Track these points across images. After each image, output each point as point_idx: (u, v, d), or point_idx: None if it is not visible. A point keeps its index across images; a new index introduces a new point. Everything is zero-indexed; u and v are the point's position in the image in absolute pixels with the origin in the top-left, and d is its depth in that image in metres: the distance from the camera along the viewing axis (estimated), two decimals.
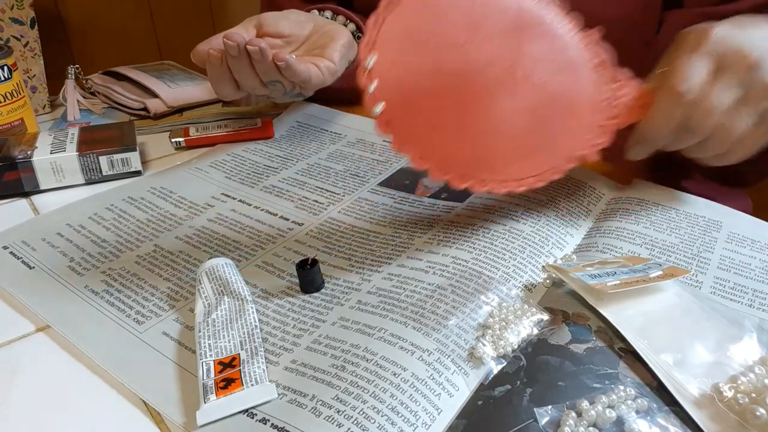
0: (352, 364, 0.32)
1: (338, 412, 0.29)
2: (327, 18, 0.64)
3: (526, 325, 0.34)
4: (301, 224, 0.47)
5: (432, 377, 0.31)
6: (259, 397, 0.30)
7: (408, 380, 0.31)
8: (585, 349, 0.33)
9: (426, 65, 0.37)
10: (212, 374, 0.31)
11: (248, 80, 0.53)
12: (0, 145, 0.54)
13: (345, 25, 0.63)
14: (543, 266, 0.40)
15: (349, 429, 0.28)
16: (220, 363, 0.32)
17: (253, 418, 0.29)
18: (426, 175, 0.38)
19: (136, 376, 0.32)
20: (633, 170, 0.53)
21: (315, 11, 0.64)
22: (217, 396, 0.30)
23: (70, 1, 0.94)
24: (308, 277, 0.38)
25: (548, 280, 0.39)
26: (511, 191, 0.40)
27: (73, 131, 0.57)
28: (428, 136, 0.38)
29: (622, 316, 0.34)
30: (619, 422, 0.28)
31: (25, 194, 0.53)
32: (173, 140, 0.61)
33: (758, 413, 0.28)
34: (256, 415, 0.29)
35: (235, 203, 0.50)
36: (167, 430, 0.30)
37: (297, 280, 0.39)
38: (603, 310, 0.35)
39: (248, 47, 0.50)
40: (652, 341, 0.33)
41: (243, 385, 0.31)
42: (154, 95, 0.69)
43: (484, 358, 0.32)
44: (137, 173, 0.55)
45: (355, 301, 0.37)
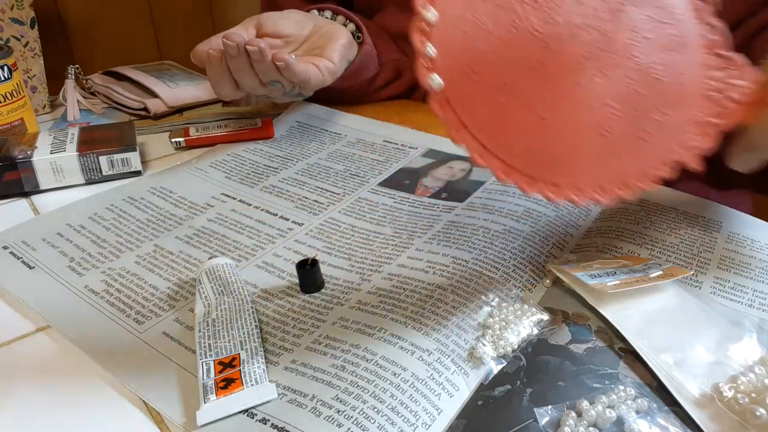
0: (352, 364, 0.32)
1: (338, 412, 0.29)
2: (327, 18, 0.64)
3: (526, 325, 0.34)
4: (301, 224, 0.47)
5: (432, 377, 0.31)
6: (259, 397, 0.30)
7: (408, 380, 0.31)
8: (585, 349, 0.33)
9: (502, 24, 0.30)
10: (212, 374, 0.31)
11: (248, 80, 0.53)
12: (0, 145, 0.54)
13: (345, 25, 0.63)
14: (543, 266, 0.40)
15: (349, 429, 0.28)
16: (220, 363, 0.32)
17: (253, 418, 0.29)
18: (423, 173, 0.34)
19: (136, 376, 0.32)
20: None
21: (315, 11, 0.64)
22: (217, 396, 0.30)
23: (70, 1, 0.94)
24: (308, 277, 0.38)
25: (548, 280, 0.39)
26: (594, 201, 0.32)
27: (73, 131, 0.57)
28: (496, 121, 0.30)
29: (622, 316, 0.34)
30: (619, 422, 0.28)
31: (25, 194, 0.53)
32: (173, 140, 0.61)
33: (758, 413, 0.28)
34: (256, 415, 0.29)
35: (235, 203, 0.50)
36: (167, 430, 0.30)
37: (297, 280, 0.39)
38: (603, 310, 0.35)
39: (248, 47, 0.50)
40: (652, 341, 0.33)
41: (243, 385, 0.31)
42: (154, 95, 0.69)
43: (484, 358, 0.32)
44: (137, 173, 0.55)
45: (355, 301, 0.37)
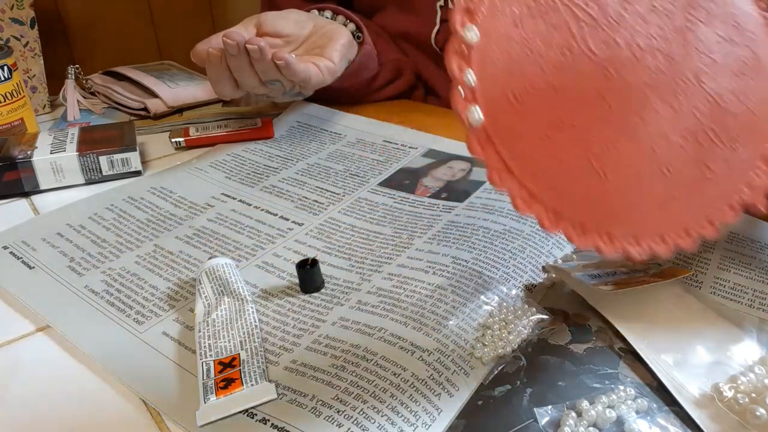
0: (352, 364, 0.32)
1: (338, 412, 0.29)
2: (327, 18, 0.64)
3: (526, 325, 0.34)
4: (301, 224, 0.47)
5: (432, 377, 0.31)
6: (259, 397, 0.30)
7: (408, 380, 0.31)
8: (585, 349, 0.33)
9: (555, 46, 0.26)
10: (212, 374, 0.31)
11: (248, 79, 0.53)
12: (0, 145, 0.54)
13: (345, 25, 0.63)
14: (543, 266, 0.40)
15: (349, 429, 0.28)
16: (220, 363, 0.32)
17: (253, 418, 0.29)
18: (423, 173, 0.31)
19: (136, 376, 0.32)
20: None
21: (315, 11, 0.64)
22: (217, 396, 0.30)
23: (70, 1, 0.94)
24: (308, 277, 0.38)
25: (548, 280, 0.39)
26: (651, 253, 0.28)
27: (73, 131, 0.57)
28: (545, 161, 0.26)
29: (622, 316, 0.34)
30: (619, 422, 0.28)
31: (25, 194, 0.53)
32: (173, 140, 0.61)
33: (758, 413, 0.28)
34: (256, 415, 0.29)
35: (235, 203, 0.50)
36: (167, 430, 0.30)
37: (297, 280, 0.39)
38: (603, 311, 0.35)
39: (248, 46, 0.50)
40: (652, 341, 0.33)
41: (243, 385, 0.31)
42: (154, 95, 0.69)
43: (484, 358, 0.32)
44: (137, 173, 0.55)
45: (355, 301, 0.37)
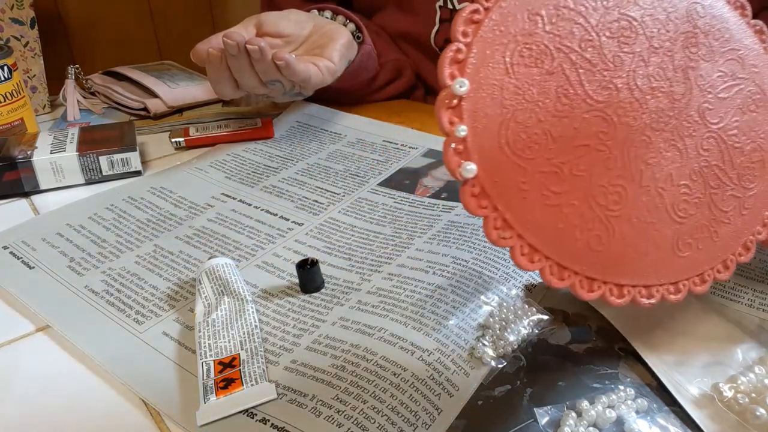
0: (352, 364, 0.32)
1: (338, 412, 0.29)
2: (327, 18, 0.64)
3: (526, 325, 0.34)
4: (301, 224, 0.47)
5: (432, 377, 0.31)
6: (259, 397, 0.30)
7: (408, 380, 0.31)
8: (585, 349, 0.33)
9: (550, 93, 0.25)
10: (212, 374, 0.31)
11: (248, 80, 0.53)
12: (0, 145, 0.54)
13: (345, 25, 0.63)
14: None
15: (349, 429, 0.28)
16: (220, 363, 0.32)
17: (253, 418, 0.29)
18: (423, 173, 0.31)
19: (136, 376, 0.32)
20: None
21: (315, 11, 0.64)
22: (217, 396, 0.30)
23: (70, 1, 0.94)
24: (308, 277, 0.38)
25: None
26: (663, 300, 0.28)
27: (73, 131, 0.57)
28: (546, 214, 0.25)
29: (622, 316, 0.34)
30: (619, 422, 0.28)
31: (25, 194, 0.53)
32: (173, 140, 0.61)
33: (758, 413, 0.28)
34: (256, 415, 0.29)
35: (235, 203, 0.50)
36: (167, 430, 0.30)
37: (297, 280, 0.39)
38: (603, 311, 0.35)
39: (248, 46, 0.50)
40: (652, 341, 0.33)
41: (243, 385, 0.31)
42: (154, 95, 0.69)
43: (484, 358, 0.32)
44: (137, 173, 0.55)
45: (355, 301, 0.37)
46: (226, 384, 0.31)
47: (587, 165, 0.25)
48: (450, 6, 0.65)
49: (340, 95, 0.68)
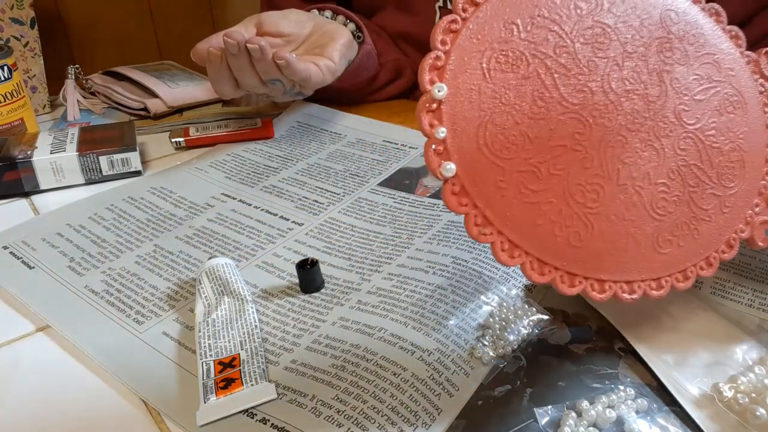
0: (352, 364, 0.32)
1: (338, 412, 0.29)
2: (327, 18, 0.64)
3: (526, 325, 0.34)
4: (301, 224, 0.47)
5: (432, 377, 0.31)
6: (259, 397, 0.30)
7: (408, 380, 0.31)
8: (585, 349, 0.33)
9: (526, 96, 0.26)
10: (212, 374, 0.31)
11: (248, 79, 0.53)
12: (0, 145, 0.54)
13: (345, 25, 0.63)
14: None
15: (349, 429, 0.28)
16: (220, 363, 0.32)
17: (253, 418, 0.29)
18: (424, 173, 0.32)
19: (136, 376, 0.32)
20: None
21: (315, 11, 0.64)
22: (217, 396, 0.30)
23: (70, 1, 0.94)
24: (308, 277, 0.38)
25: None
26: (645, 295, 0.28)
27: (73, 131, 0.57)
28: (525, 211, 0.26)
29: (622, 316, 0.34)
30: (619, 422, 0.28)
31: (25, 194, 0.53)
32: (173, 140, 0.61)
33: (758, 413, 0.28)
34: (256, 415, 0.29)
35: (235, 203, 0.50)
36: (167, 430, 0.30)
37: (297, 280, 0.39)
38: (603, 311, 0.35)
39: (248, 45, 0.50)
40: (652, 341, 0.33)
41: (243, 385, 0.31)
42: (154, 95, 0.69)
43: (484, 358, 0.32)
44: (137, 173, 0.55)
45: (355, 301, 0.37)
46: (226, 384, 0.31)
47: (564, 164, 0.26)
48: (450, 6, 0.65)
49: (340, 95, 0.68)
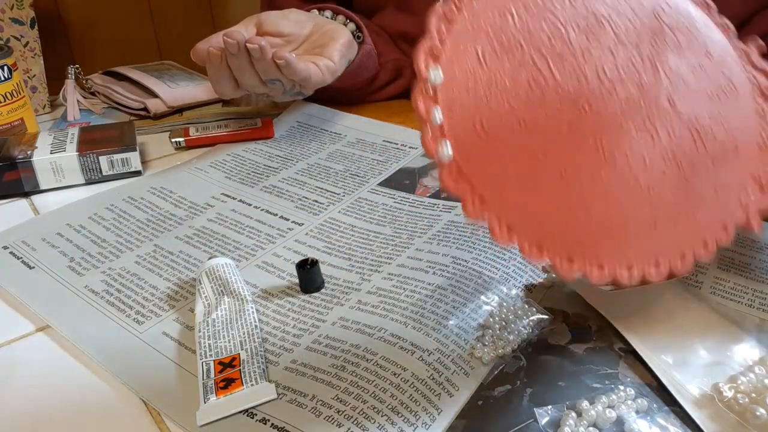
0: (352, 364, 0.32)
1: (338, 412, 0.29)
2: (327, 17, 0.64)
3: (526, 325, 0.34)
4: (301, 224, 0.47)
5: (432, 377, 0.31)
6: (259, 397, 0.30)
7: (408, 380, 0.31)
8: (585, 349, 0.33)
9: (521, 83, 0.26)
10: (212, 374, 0.31)
11: (248, 79, 0.53)
12: (0, 145, 0.54)
13: (345, 25, 0.63)
14: (543, 266, 0.40)
15: (349, 429, 0.28)
16: (220, 363, 0.32)
17: (253, 418, 0.29)
18: (423, 173, 0.33)
19: (136, 376, 0.32)
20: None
21: (315, 11, 0.64)
22: (217, 396, 0.30)
23: (70, 1, 0.94)
24: (308, 277, 0.38)
25: (548, 280, 0.39)
26: (643, 278, 0.28)
27: (73, 131, 0.57)
28: (522, 194, 0.26)
29: (622, 316, 0.34)
30: (619, 422, 0.28)
31: (25, 194, 0.53)
32: (173, 140, 0.61)
33: (758, 413, 0.28)
34: (256, 415, 0.29)
35: (235, 203, 0.50)
36: (167, 430, 0.30)
37: (297, 280, 0.39)
38: (603, 311, 0.35)
39: (248, 45, 0.50)
40: (652, 341, 0.33)
41: (243, 385, 0.31)
42: (154, 95, 0.69)
43: (484, 358, 0.32)
44: (137, 173, 0.55)
45: (355, 301, 0.37)
46: (226, 384, 0.31)
47: (560, 149, 0.26)
48: None
49: (340, 95, 0.68)
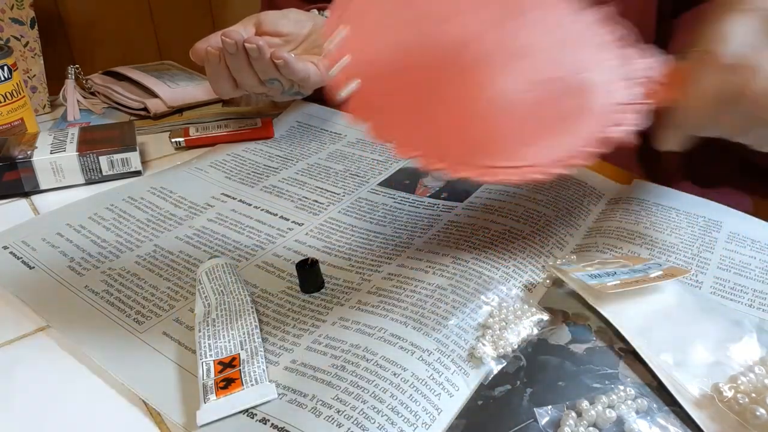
0: (352, 364, 0.32)
1: (338, 412, 0.29)
2: (326, 17, 0.64)
3: (526, 325, 0.34)
4: (301, 224, 0.46)
5: (432, 377, 0.31)
6: (259, 397, 0.30)
7: (408, 380, 0.31)
8: (585, 349, 0.33)
9: (406, 40, 0.34)
10: (212, 374, 0.31)
11: (246, 79, 0.53)
12: (0, 145, 0.54)
13: None
14: (543, 266, 0.40)
15: (349, 429, 0.28)
16: (220, 363, 0.32)
17: (253, 418, 0.29)
18: (424, 173, 0.36)
19: (136, 376, 0.32)
20: (629, 166, 0.51)
21: (314, 11, 0.64)
22: (217, 396, 0.30)
23: (70, 1, 0.94)
24: (308, 277, 0.38)
25: (548, 280, 0.39)
26: (526, 179, 0.34)
27: (73, 131, 0.57)
28: (414, 117, 0.33)
29: (622, 316, 0.34)
30: (619, 422, 0.28)
31: (25, 194, 0.53)
32: (173, 140, 0.61)
33: (758, 413, 0.28)
34: (256, 415, 0.29)
35: (235, 203, 0.50)
36: (167, 430, 0.30)
37: (297, 280, 0.39)
38: (603, 311, 0.35)
39: (246, 45, 0.50)
40: (652, 341, 0.33)
41: (243, 385, 0.31)
42: (154, 95, 0.69)
43: (484, 358, 0.32)
44: (137, 173, 0.55)
45: (355, 301, 0.37)
46: (226, 384, 0.31)
47: (441, 81, 0.33)
48: None
49: None
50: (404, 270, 0.40)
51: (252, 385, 0.31)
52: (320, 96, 0.64)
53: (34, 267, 0.42)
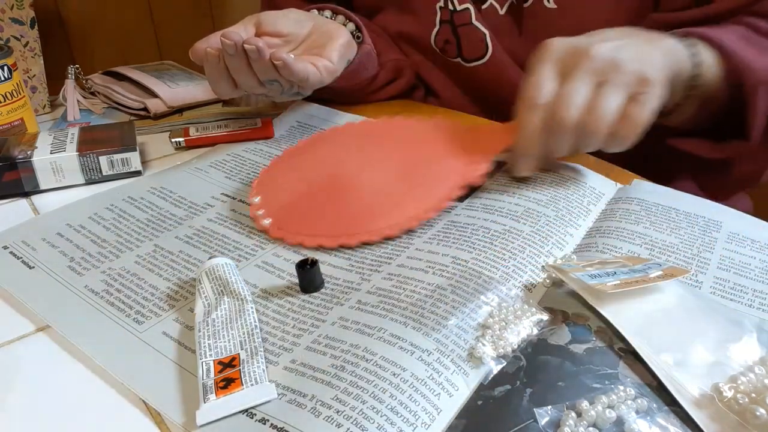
0: (352, 364, 0.32)
1: (338, 412, 0.29)
2: (326, 17, 0.64)
3: (526, 325, 0.34)
4: None
5: (432, 377, 0.31)
6: (258, 397, 0.30)
7: (408, 380, 0.31)
8: (585, 349, 0.33)
9: (302, 186, 0.49)
10: (212, 374, 0.31)
11: (246, 79, 0.53)
12: (0, 145, 0.54)
13: (344, 25, 0.63)
14: (543, 266, 0.40)
15: (348, 429, 0.28)
16: (219, 363, 0.32)
17: (252, 418, 0.29)
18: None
19: (136, 376, 0.32)
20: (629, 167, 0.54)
21: (314, 10, 0.64)
22: (216, 396, 0.30)
23: (70, 1, 0.94)
24: (308, 277, 0.38)
25: (548, 280, 0.39)
26: (403, 229, 0.44)
27: (73, 131, 0.57)
28: (311, 222, 0.45)
29: (622, 316, 0.34)
30: (619, 422, 0.28)
31: (25, 194, 0.53)
32: (173, 140, 0.61)
33: (758, 413, 0.28)
34: (256, 415, 0.29)
35: (235, 203, 0.50)
36: (167, 430, 0.30)
37: (297, 280, 0.39)
38: (603, 310, 0.35)
39: (245, 46, 0.50)
40: (652, 341, 0.33)
41: (243, 385, 0.31)
42: (154, 95, 0.69)
43: (484, 358, 0.32)
44: (137, 173, 0.55)
45: (355, 301, 0.37)
46: (225, 384, 0.31)
47: (323, 197, 0.47)
48: (450, 7, 0.65)
49: (340, 95, 0.68)
50: (404, 270, 0.40)
51: (252, 385, 0.31)
52: (320, 96, 0.64)
53: (34, 267, 0.42)
